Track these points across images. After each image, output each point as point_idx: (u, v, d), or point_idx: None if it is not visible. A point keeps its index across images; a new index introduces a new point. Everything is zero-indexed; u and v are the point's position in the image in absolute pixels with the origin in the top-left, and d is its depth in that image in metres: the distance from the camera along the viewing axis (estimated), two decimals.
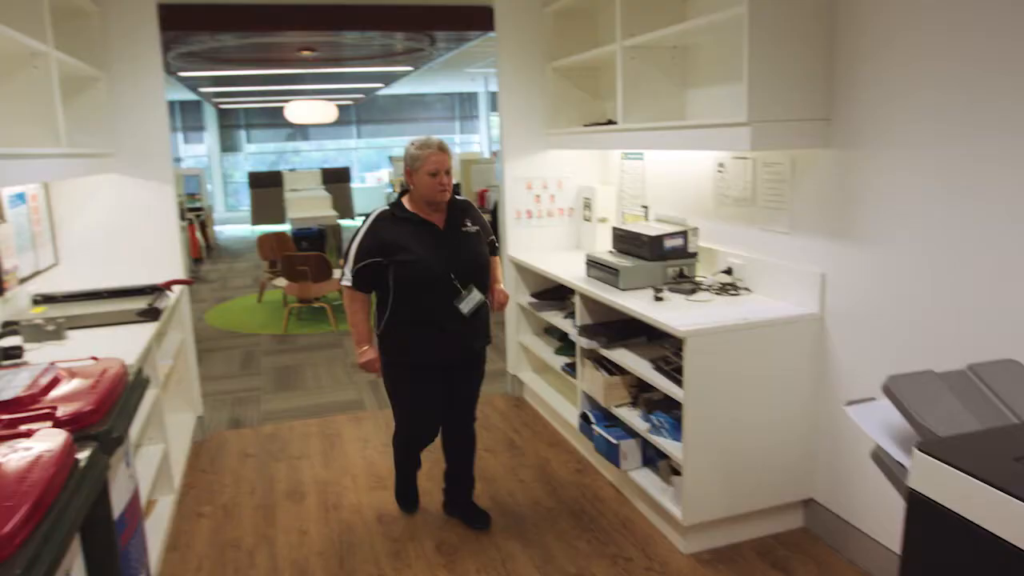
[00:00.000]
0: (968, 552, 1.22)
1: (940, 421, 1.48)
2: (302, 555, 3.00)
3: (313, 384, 5.23)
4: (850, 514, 2.79)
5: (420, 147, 2.76)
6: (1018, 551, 1.12)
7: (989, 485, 1.18)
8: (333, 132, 17.25)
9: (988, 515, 1.18)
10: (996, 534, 1.16)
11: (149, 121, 3.91)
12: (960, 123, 2.21)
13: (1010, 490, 1.15)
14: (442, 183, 2.75)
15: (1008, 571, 1.14)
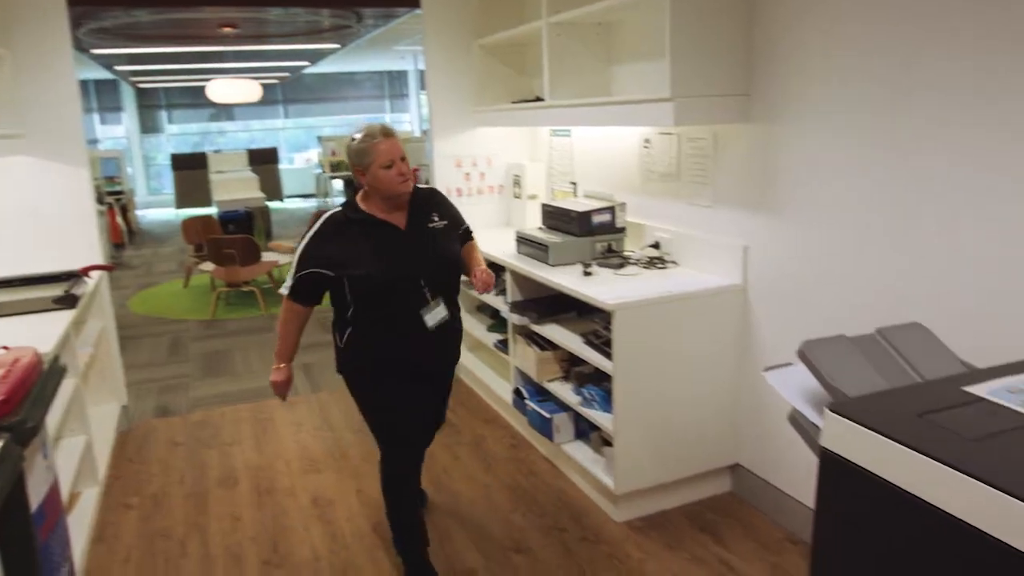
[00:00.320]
0: (875, 504, 1.28)
1: (851, 383, 1.55)
2: (235, 541, 2.96)
3: (244, 369, 5.13)
4: (774, 477, 2.90)
5: (363, 139, 2.37)
6: (919, 501, 1.18)
7: (893, 440, 1.24)
8: (259, 112, 16.79)
9: (892, 469, 1.25)
10: (899, 486, 1.23)
11: (59, 101, 3.73)
12: (873, 99, 2.29)
13: (912, 444, 1.21)
14: (401, 173, 2.36)
15: (910, 521, 1.21)
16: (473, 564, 2.73)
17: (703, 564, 2.65)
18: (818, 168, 2.51)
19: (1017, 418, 1.28)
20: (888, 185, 2.27)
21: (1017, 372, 1.48)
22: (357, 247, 2.39)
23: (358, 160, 2.38)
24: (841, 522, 1.37)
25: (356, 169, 2.40)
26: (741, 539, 2.79)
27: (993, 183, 1.98)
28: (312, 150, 16.99)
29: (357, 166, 2.39)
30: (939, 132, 2.10)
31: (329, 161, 13.61)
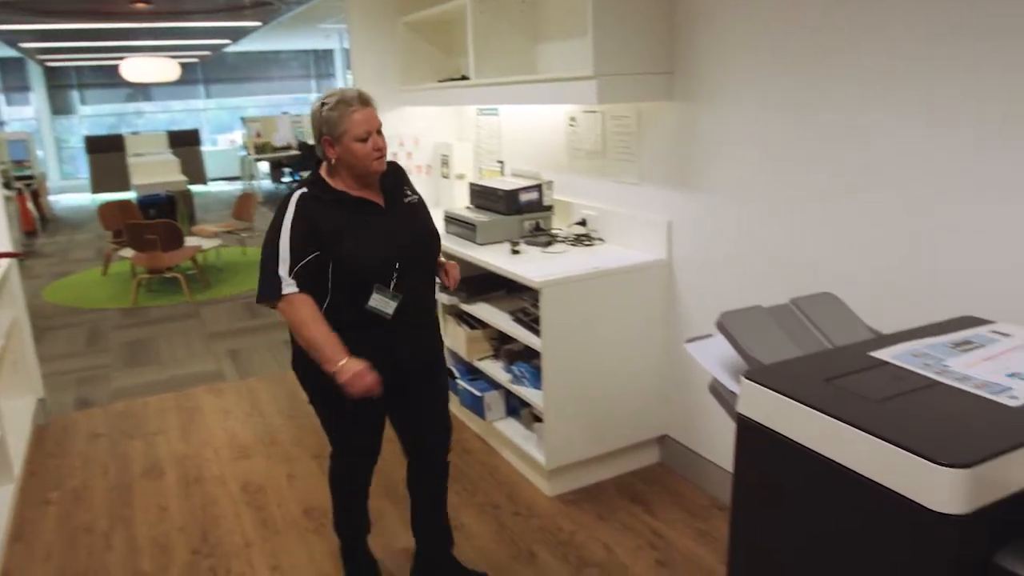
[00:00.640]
0: (788, 466, 1.33)
1: (766, 351, 1.60)
2: (162, 532, 2.89)
3: (168, 357, 4.99)
4: (700, 446, 2.99)
5: (336, 106, 2.04)
6: (828, 460, 1.24)
7: (804, 404, 1.29)
8: (179, 92, 16.21)
9: (803, 431, 1.30)
10: (810, 447, 1.28)
11: None
12: (788, 80, 2.36)
13: (821, 407, 1.26)
14: (378, 147, 2.08)
15: (820, 479, 1.26)
16: (408, 544, 2.74)
17: (633, 533, 2.72)
18: (737, 145, 2.58)
19: (918, 380, 1.35)
20: (802, 162, 2.35)
21: (919, 337, 1.56)
22: (341, 228, 2.08)
23: (328, 130, 2.06)
24: (757, 484, 1.43)
25: (324, 140, 2.08)
26: (670, 507, 2.87)
27: (897, 161, 2.06)
28: (236, 131, 16.51)
29: (326, 136, 2.07)
30: (850, 113, 2.17)
31: (254, 143, 13.26)
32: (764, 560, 1.42)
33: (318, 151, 2.13)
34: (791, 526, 1.34)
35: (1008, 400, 1.24)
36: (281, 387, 4.31)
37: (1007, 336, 1.54)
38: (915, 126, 2.01)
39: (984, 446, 1.09)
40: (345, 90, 2.09)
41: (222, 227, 7.89)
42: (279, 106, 16.62)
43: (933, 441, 1.11)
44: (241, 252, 8.25)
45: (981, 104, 1.85)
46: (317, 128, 2.10)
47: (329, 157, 2.10)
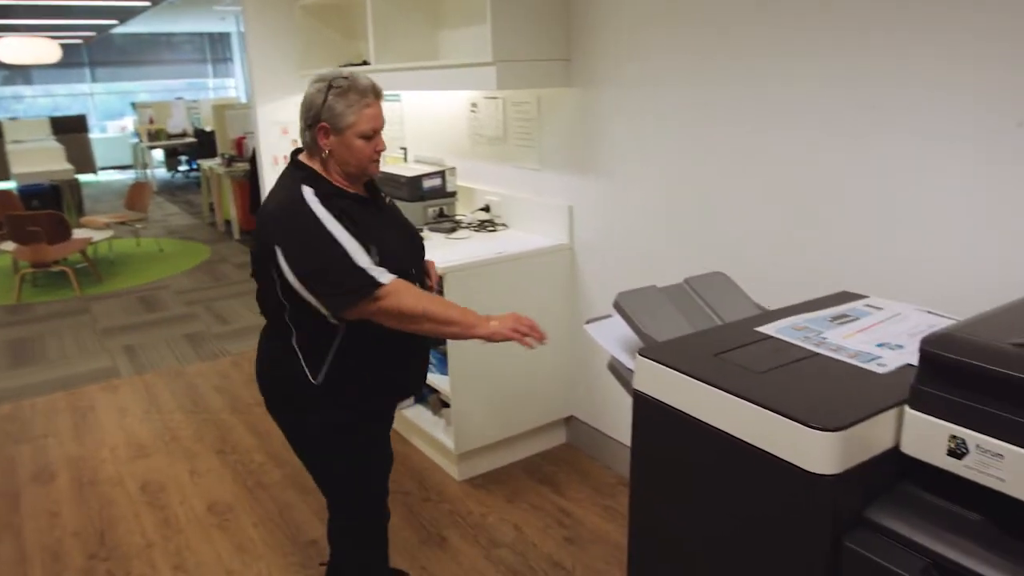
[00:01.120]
0: (680, 437, 1.39)
1: (660, 329, 1.66)
2: (55, 538, 2.77)
3: (57, 356, 4.75)
4: (605, 426, 3.07)
5: (345, 93, 1.77)
6: (716, 430, 1.30)
7: (693, 378, 1.36)
8: (62, 76, 15.31)
9: (693, 404, 1.36)
10: (700, 418, 1.34)
11: None
12: (681, 67, 2.43)
13: (708, 380, 1.33)
14: (376, 148, 1.83)
15: (710, 448, 1.33)
16: (316, 534, 2.71)
17: (542, 512, 2.78)
18: (633, 130, 2.65)
19: (798, 352, 1.43)
20: (694, 145, 2.43)
21: (801, 312, 1.65)
22: (368, 225, 1.81)
23: (329, 117, 1.77)
24: (653, 456, 1.49)
25: (321, 127, 1.78)
26: (577, 486, 2.94)
27: (783, 145, 2.17)
28: (127, 117, 15.73)
29: (324, 124, 1.78)
30: (740, 98, 2.27)
31: (147, 129, 12.68)
32: (661, 527, 1.48)
33: (305, 138, 1.83)
34: (685, 494, 1.41)
35: (877, 368, 1.33)
36: (180, 382, 4.17)
37: (879, 309, 1.65)
38: (801, 111, 2.11)
39: (854, 411, 1.18)
40: (358, 76, 1.81)
41: (114, 218, 7.53)
42: (173, 91, 15.92)
43: (808, 408, 1.18)
44: (135, 244, 7.90)
45: (857, 90, 1.96)
46: (314, 112, 1.79)
47: (321, 147, 1.81)
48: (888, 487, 1.22)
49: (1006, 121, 1.69)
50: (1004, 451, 1.05)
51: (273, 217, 1.79)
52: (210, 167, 8.61)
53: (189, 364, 4.46)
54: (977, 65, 1.72)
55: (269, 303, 1.87)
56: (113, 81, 15.96)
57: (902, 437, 1.18)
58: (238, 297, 5.85)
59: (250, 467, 3.20)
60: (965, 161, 1.77)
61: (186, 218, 9.47)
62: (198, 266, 6.93)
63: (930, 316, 1.58)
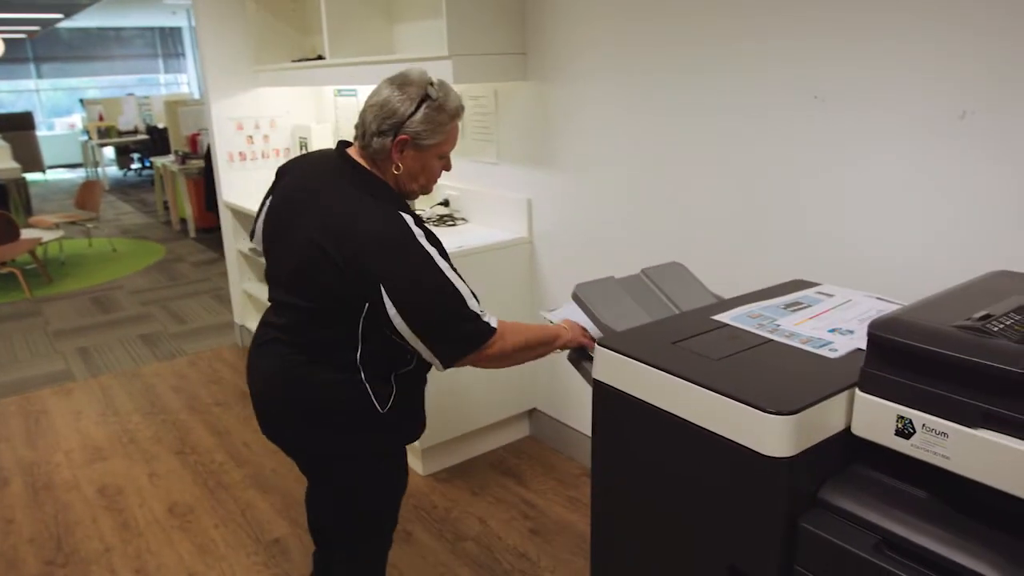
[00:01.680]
0: (639, 425, 1.42)
1: (618, 319, 1.69)
2: (10, 545, 2.70)
3: (7, 359, 4.62)
4: (567, 417, 3.09)
5: (442, 108, 1.61)
6: (674, 417, 1.33)
7: (650, 366, 1.38)
8: (5, 71, 14.86)
9: (651, 391, 1.38)
10: (658, 406, 1.36)
11: None
12: (631, 57, 2.46)
13: (665, 368, 1.35)
14: (444, 169, 1.75)
15: (668, 435, 1.35)
16: (279, 532, 2.69)
17: (506, 505, 2.79)
18: (589, 124, 2.67)
19: (752, 339, 1.46)
20: (650, 140, 2.46)
21: (755, 300, 1.68)
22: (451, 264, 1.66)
23: (418, 133, 1.59)
24: (613, 444, 1.51)
25: (401, 139, 1.59)
26: (541, 478, 2.96)
27: (735, 137, 2.21)
28: (76, 115, 15.34)
29: (410, 136, 1.59)
30: (692, 90, 2.30)
31: (97, 127, 12.38)
32: (622, 513, 1.50)
33: (373, 144, 1.60)
34: (645, 480, 1.43)
35: (828, 353, 1.37)
36: (137, 384, 4.10)
37: (830, 296, 1.69)
38: (753, 103, 2.15)
39: (807, 395, 1.21)
40: (449, 89, 1.64)
41: (64, 217, 7.35)
42: (124, 87, 15.57)
43: (762, 392, 1.21)
44: (87, 244, 7.73)
45: (806, 81, 2.01)
46: (396, 121, 1.57)
47: (395, 160, 1.62)
48: (840, 468, 1.26)
49: (950, 112, 1.74)
50: (948, 430, 1.09)
51: (380, 245, 1.52)
52: (164, 165, 8.45)
53: (146, 365, 4.39)
54: (923, 56, 1.77)
55: (331, 333, 1.62)
56: (60, 77, 15.54)
57: (853, 419, 1.22)
58: (195, 296, 5.76)
59: (210, 467, 3.16)
60: (912, 151, 1.83)
61: (140, 217, 9.29)
62: (153, 265, 6.80)
63: (879, 302, 1.63)
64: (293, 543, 2.63)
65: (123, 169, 13.47)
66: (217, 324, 5.08)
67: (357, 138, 1.66)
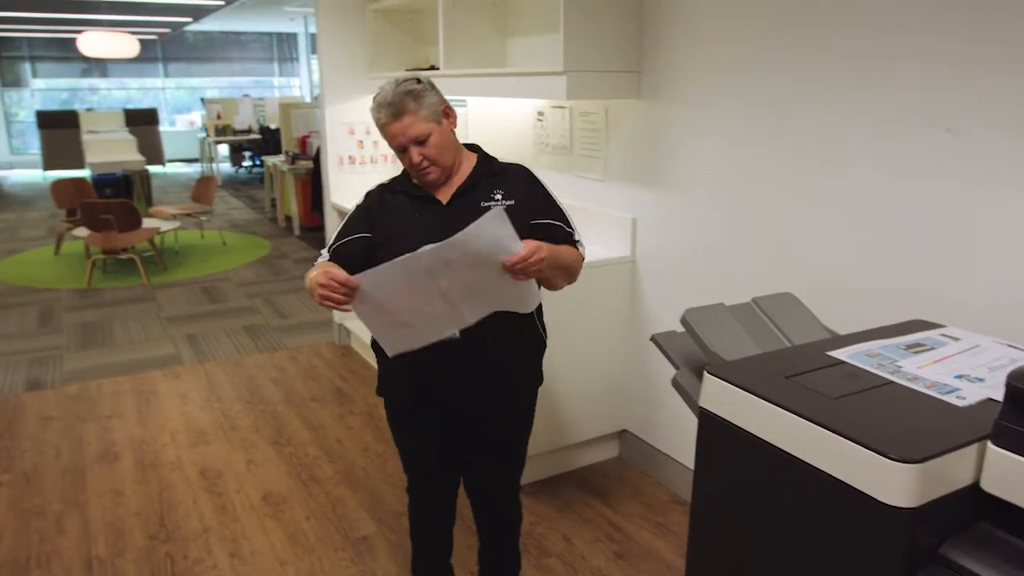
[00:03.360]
0: (747, 459, 1.38)
1: (728, 347, 1.65)
2: (118, 517, 2.86)
3: (124, 340, 4.90)
4: (659, 441, 3.04)
5: (374, 109, 1.85)
6: (786, 454, 1.29)
7: (764, 399, 1.34)
8: (136, 70, 15.83)
9: (763, 425, 1.35)
10: (769, 441, 1.33)
11: None
12: (751, 81, 2.41)
13: (780, 403, 1.31)
14: (412, 162, 1.85)
15: (778, 472, 1.31)
16: (367, 531, 2.75)
17: (591, 525, 2.77)
18: (701, 145, 2.63)
19: (872, 379, 1.40)
20: (765, 162, 2.41)
21: (873, 338, 1.62)
22: (395, 219, 1.90)
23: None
24: (717, 476, 1.47)
25: None
26: (628, 501, 2.92)
27: (859, 165, 2.13)
28: (195, 112, 16.19)
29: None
30: (814, 116, 2.24)
31: (214, 125, 13.03)
32: (722, 550, 1.47)
33: None
34: (749, 517, 1.39)
35: (956, 400, 1.30)
36: (239, 373, 4.27)
37: (956, 340, 1.60)
38: (878, 135, 2.07)
39: (933, 443, 1.15)
40: (383, 90, 1.82)
41: (180, 209, 7.75)
42: (240, 88, 16.34)
43: (886, 437, 1.16)
44: (199, 235, 8.12)
45: (935, 116, 1.92)
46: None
47: None
48: (965, 524, 1.19)
49: None
50: None
51: None
52: (274, 164, 8.80)
53: (248, 355, 4.57)
54: None
55: None
56: (184, 77, 16.44)
57: (983, 474, 1.15)
58: (296, 292, 5.96)
59: (304, 460, 3.26)
60: None
61: (248, 212, 9.70)
62: (259, 260, 7.09)
63: (1012, 350, 1.54)
64: (380, 543, 2.68)
65: (235, 166, 14.12)
66: (317, 321, 5.24)
67: None
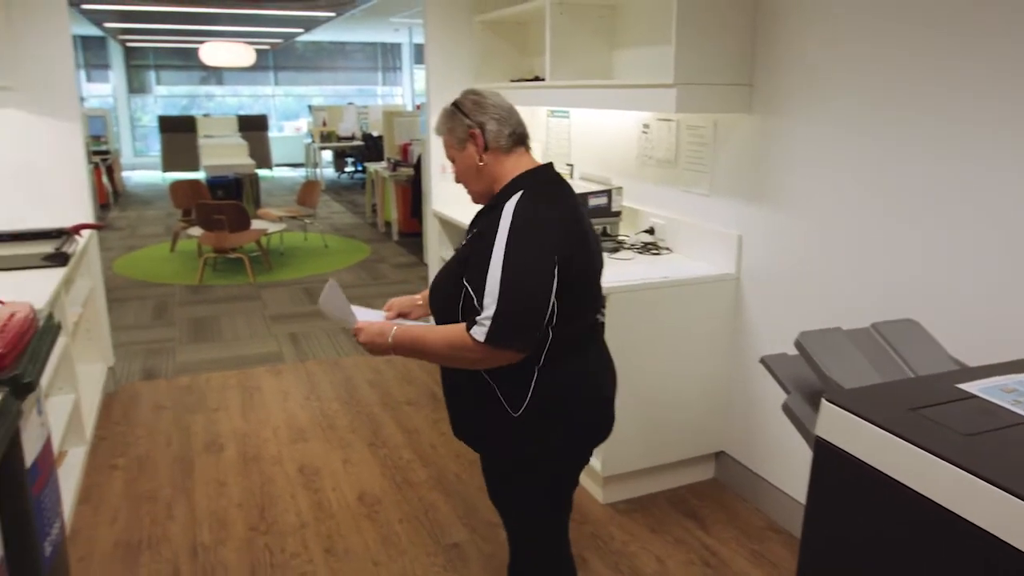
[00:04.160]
0: (867, 493, 1.31)
1: (846, 374, 1.58)
2: (221, 506, 2.97)
3: (230, 336, 5.12)
4: (758, 465, 2.95)
5: None
6: (912, 492, 1.21)
7: (888, 432, 1.27)
8: (249, 78, 16.60)
9: (886, 459, 1.27)
10: (893, 477, 1.25)
11: (52, 54, 3.67)
12: (873, 95, 2.31)
13: (907, 436, 1.24)
14: (455, 177, 1.85)
15: (901, 510, 1.24)
16: (459, 538, 2.76)
17: (685, 547, 2.70)
18: (816, 162, 2.53)
19: (1009, 416, 1.31)
20: (887, 182, 2.30)
21: (1009, 372, 1.51)
22: None
23: None
24: (833, 509, 1.41)
25: None
26: (724, 525, 2.84)
27: (995, 185, 2.01)
28: (302, 119, 16.84)
29: None
30: (942, 132, 2.12)
31: (320, 131, 13.50)
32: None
33: None
34: (867, 555, 1.32)
35: None
36: (337, 373, 4.39)
37: None
38: (1009, 149, 1.95)
39: None
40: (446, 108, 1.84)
41: (286, 212, 8.05)
42: (345, 96, 16.89)
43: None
44: (303, 238, 8.41)
45: None
46: None
47: None
48: None
49: None
50: None
51: None
52: (376, 170, 9.04)
53: (346, 356, 4.69)
54: None
55: None
56: (292, 85, 17.12)
57: None
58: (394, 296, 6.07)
59: (398, 463, 3.31)
60: None
61: (349, 217, 9.98)
62: (358, 263, 7.28)
63: None
64: (471, 551, 2.69)
65: (338, 171, 14.58)
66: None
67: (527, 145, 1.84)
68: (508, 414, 1.75)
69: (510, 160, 1.78)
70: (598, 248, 1.86)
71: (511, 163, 1.78)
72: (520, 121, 1.81)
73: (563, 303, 1.70)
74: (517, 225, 1.65)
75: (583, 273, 1.74)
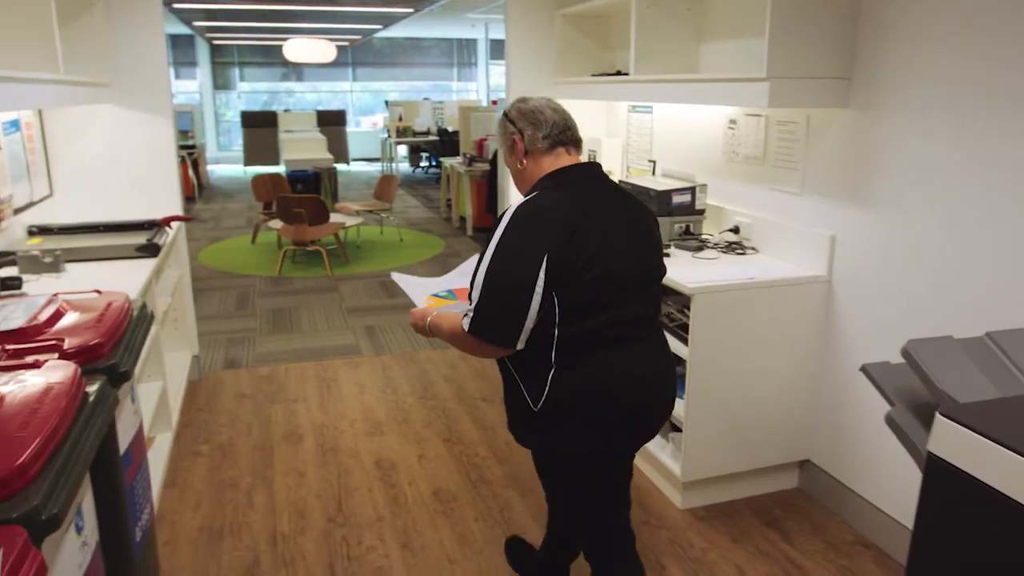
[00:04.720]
0: (985, 515, 1.22)
1: (959, 387, 1.48)
2: (300, 496, 3.01)
3: (309, 327, 5.21)
4: (847, 477, 2.82)
5: None
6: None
7: (1012, 451, 1.18)
8: (327, 74, 16.94)
9: (1008, 480, 1.18)
10: (1014, 498, 1.16)
11: (147, 51, 3.79)
12: (983, 89, 2.17)
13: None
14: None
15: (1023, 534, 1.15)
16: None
17: (769, 559, 2.60)
18: (920, 161, 2.40)
19: None
20: (997, 184, 2.16)
21: None
22: None
23: None
24: (945, 531, 1.32)
25: None
26: (809, 537, 2.72)
27: None
28: (379, 114, 17.09)
29: None
30: None
31: (396, 126, 13.66)
32: None
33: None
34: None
35: None
36: (413, 368, 4.41)
37: None
38: None
39: None
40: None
41: (363, 206, 8.16)
42: (420, 92, 17.06)
43: None
44: (379, 231, 8.52)
45: None
46: None
47: None
48: None
49: None
50: None
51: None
52: (451, 165, 9.08)
53: (421, 351, 4.71)
54: None
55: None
56: (369, 80, 17.38)
57: None
58: None
59: (473, 460, 3.30)
60: None
61: (424, 211, 10.07)
62: (433, 258, 7.32)
63: None
64: None
65: (413, 166, 14.74)
66: None
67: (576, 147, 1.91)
68: (531, 408, 1.83)
69: (547, 161, 1.86)
70: (636, 248, 1.84)
71: (547, 164, 1.86)
72: (563, 124, 1.87)
73: (564, 301, 1.73)
74: (510, 223, 1.74)
75: (588, 271, 1.73)
